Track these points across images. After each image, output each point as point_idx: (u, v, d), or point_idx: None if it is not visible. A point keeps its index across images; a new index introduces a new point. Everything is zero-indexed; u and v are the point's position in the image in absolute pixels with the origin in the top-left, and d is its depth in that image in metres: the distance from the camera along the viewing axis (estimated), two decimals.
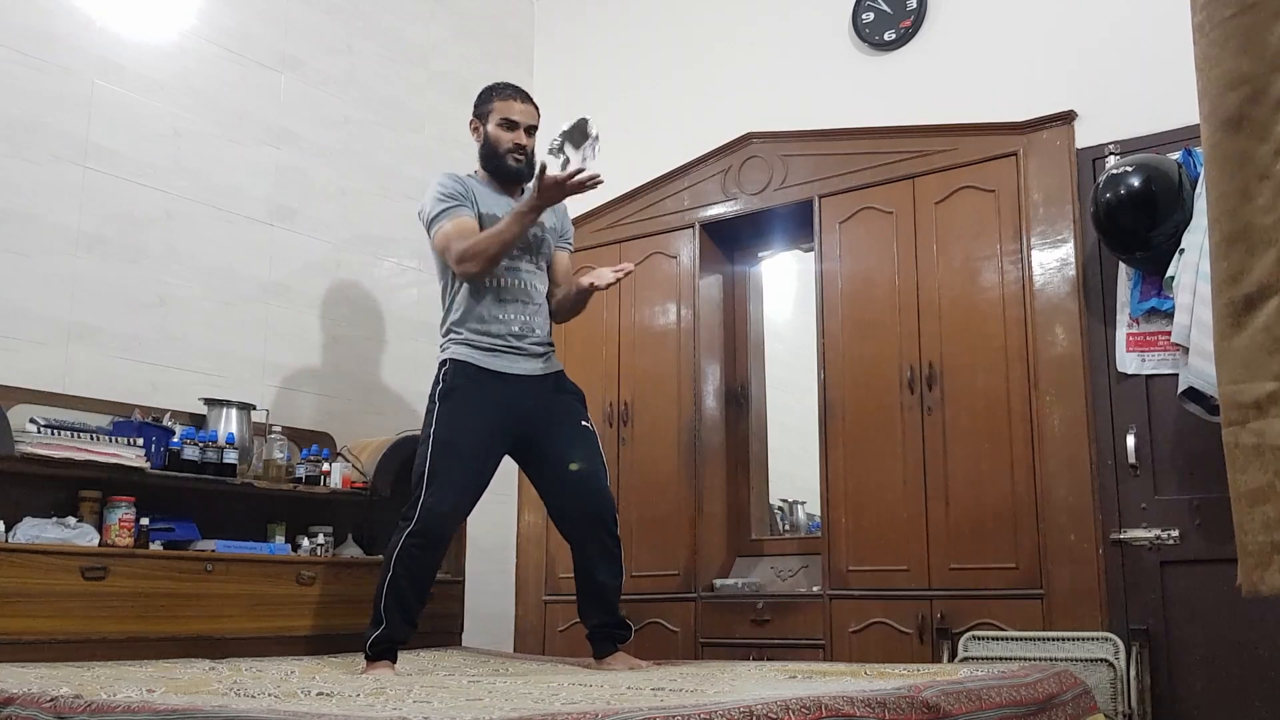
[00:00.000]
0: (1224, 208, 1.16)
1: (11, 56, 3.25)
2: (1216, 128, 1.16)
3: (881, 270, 3.66)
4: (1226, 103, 1.14)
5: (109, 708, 1.71)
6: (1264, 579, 1.16)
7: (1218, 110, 1.16)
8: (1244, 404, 1.14)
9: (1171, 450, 3.12)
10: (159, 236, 3.54)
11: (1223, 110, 1.15)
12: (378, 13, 4.35)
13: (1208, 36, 1.17)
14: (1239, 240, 1.13)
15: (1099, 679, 2.91)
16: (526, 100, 3.06)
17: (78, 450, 2.91)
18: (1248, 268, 1.12)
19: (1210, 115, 1.17)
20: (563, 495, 2.97)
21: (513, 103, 3.03)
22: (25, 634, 2.71)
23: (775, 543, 4.08)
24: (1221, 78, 1.15)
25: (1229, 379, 1.17)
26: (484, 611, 4.13)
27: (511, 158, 3.01)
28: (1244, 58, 1.12)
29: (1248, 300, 1.12)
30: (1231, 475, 1.18)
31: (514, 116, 3.01)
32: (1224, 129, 1.15)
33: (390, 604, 2.76)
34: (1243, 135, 1.13)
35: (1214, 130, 1.17)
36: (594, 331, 4.30)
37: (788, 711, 1.44)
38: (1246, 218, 1.12)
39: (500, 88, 3.08)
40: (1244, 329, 1.13)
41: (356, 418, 3.98)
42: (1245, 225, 1.12)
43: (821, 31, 4.07)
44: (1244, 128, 1.12)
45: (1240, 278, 1.13)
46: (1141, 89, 3.33)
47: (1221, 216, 1.16)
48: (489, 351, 2.91)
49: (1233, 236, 1.14)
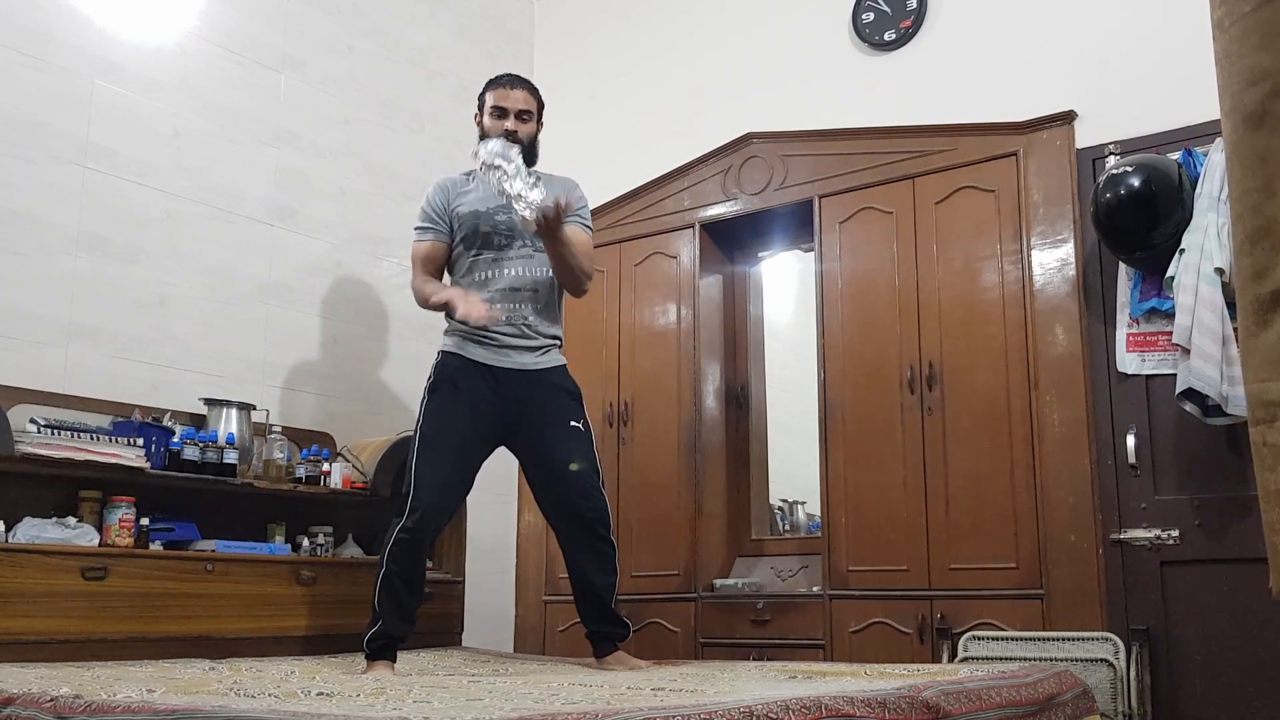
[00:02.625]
0: (1247, 204, 1.14)
1: (11, 56, 3.25)
2: (1238, 124, 1.15)
3: (881, 270, 3.66)
4: (1247, 98, 1.13)
5: (109, 708, 1.71)
6: None
7: (1239, 106, 1.15)
8: (1271, 401, 1.13)
9: (1171, 450, 3.12)
10: (159, 236, 3.54)
11: (1244, 106, 1.14)
12: (378, 13, 4.35)
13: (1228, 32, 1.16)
14: (1263, 237, 1.12)
15: (1099, 679, 2.91)
16: (517, 85, 3.05)
17: (78, 450, 2.91)
18: (1273, 264, 1.11)
19: (1231, 111, 1.16)
20: (551, 494, 2.98)
21: (503, 90, 3.03)
22: (25, 634, 2.70)
23: (775, 543, 4.08)
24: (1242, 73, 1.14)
25: (1254, 376, 1.15)
26: (484, 611, 4.13)
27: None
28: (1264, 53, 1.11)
29: (1273, 297, 1.11)
30: (1260, 474, 1.16)
31: (504, 104, 3.01)
32: (1245, 125, 1.14)
33: (384, 600, 2.78)
34: (1265, 131, 1.11)
35: (1235, 126, 1.16)
36: (594, 331, 4.30)
37: (788, 711, 1.44)
38: (1270, 214, 1.11)
39: (495, 78, 3.09)
40: (1270, 326, 1.12)
41: (356, 418, 3.98)
42: (1269, 222, 1.11)
43: (821, 31, 4.07)
44: (1266, 123, 1.11)
45: (1265, 275, 1.12)
46: (1141, 89, 3.33)
47: (1245, 213, 1.15)
48: (478, 344, 2.93)
49: (1256, 234, 1.13)
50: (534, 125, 3.05)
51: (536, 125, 3.07)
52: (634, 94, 4.58)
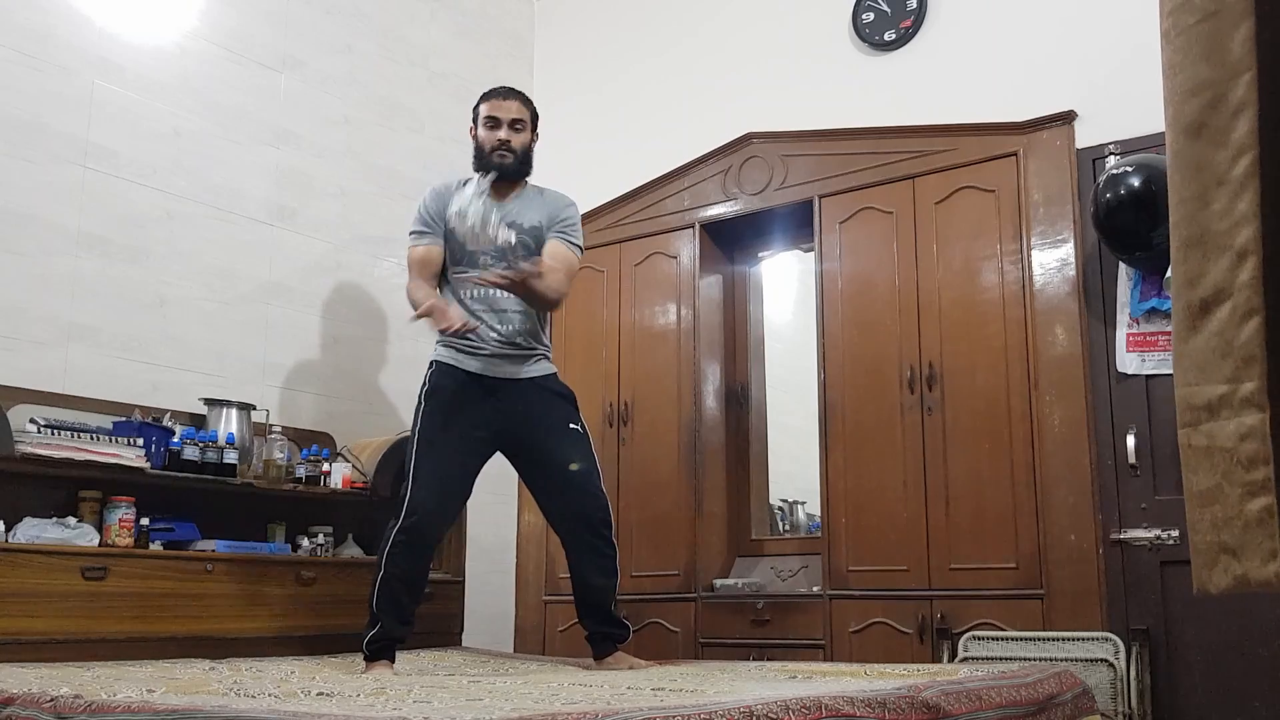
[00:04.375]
0: (1183, 213, 1.19)
1: (11, 56, 3.25)
2: (1178, 134, 1.19)
3: (881, 270, 3.66)
4: (1188, 109, 1.17)
5: (109, 708, 1.71)
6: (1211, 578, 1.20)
7: (1180, 117, 1.18)
8: (1197, 406, 1.17)
9: (1171, 450, 3.11)
10: (159, 236, 3.54)
11: (1184, 117, 1.17)
12: (378, 13, 4.35)
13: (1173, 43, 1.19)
14: (1196, 245, 1.16)
15: (1099, 679, 2.91)
16: (509, 96, 3.06)
17: (78, 450, 2.91)
18: (1204, 272, 1.15)
19: (1173, 122, 1.20)
20: (552, 497, 2.99)
21: (496, 100, 3.04)
22: (25, 634, 2.70)
23: (775, 543, 4.08)
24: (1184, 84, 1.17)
25: (1184, 381, 1.20)
26: (484, 611, 4.13)
27: (496, 155, 3.00)
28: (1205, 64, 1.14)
29: (1203, 304, 1.15)
30: (1185, 476, 1.22)
31: (497, 114, 3.02)
32: (1185, 135, 1.18)
33: (382, 602, 2.79)
34: (1202, 142, 1.15)
35: (1176, 136, 1.20)
36: (594, 331, 4.30)
37: (788, 711, 1.44)
38: (1204, 223, 1.15)
39: (488, 91, 3.11)
40: (1199, 332, 1.16)
41: (356, 418, 3.98)
42: (1202, 230, 1.15)
43: (821, 31, 4.07)
44: (1203, 134, 1.15)
45: (1197, 282, 1.16)
46: (1141, 89, 3.31)
47: (1181, 222, 1.19)
48: (470, 355, 2.95)
49: (1190, 241, 1.17)
50: (528, 135, 3.05)
51: (531, 135, 3.07)
52: (634, 94, 4.58)
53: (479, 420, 2.93)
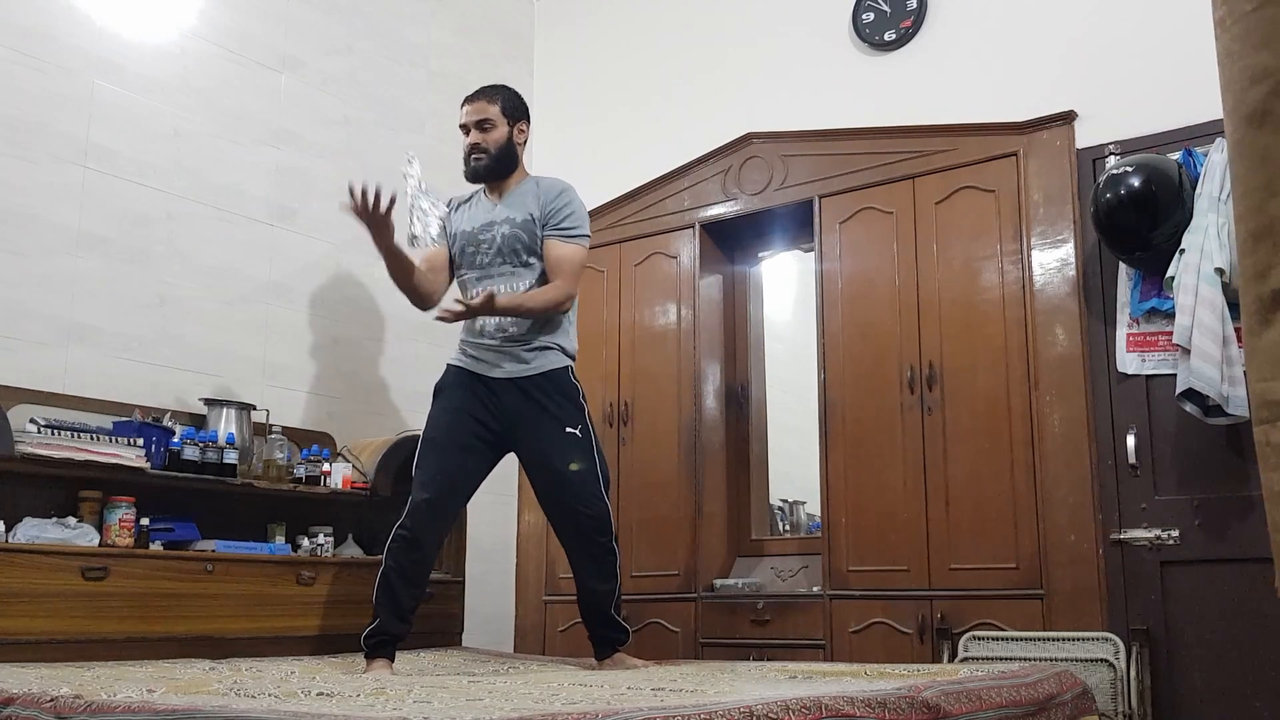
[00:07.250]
0: (1249, 204, 1.14)
1: (11, 56, 3.25)
2: (1240, 123, 1.15)
3: (881, 270, 3.66)
4: (1249, 98, 1.13)
5: (109, 708, 1.71)
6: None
7: (1241, 105, 1.14)
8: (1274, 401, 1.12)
9: (1171, 450, 3.12)
10: (159, 236, 3.53)
11: (1246, 105, 1.13)
12: (378, 13, 4.35)
13: (1229, 31, 1.16)
14: (1265, 236, 1.12)
15: (1099, 679, 2.91)
16: (473, 99, 3.07)
17: (78, 450, 2.91)
18: (1274, 264, 1.10)
19: (1234, 111, 1.16)
20: (551, 500, 3.01)
21: (463, 108, 3.08)
22: (25, 634, 2.70)
23: (775, 543, 4.08)
24: (1243, 72, 1.14)
25: (1258, 376, 1.15)
26: (484, 611, 4.13)
27: (471, 159, 3.06)
28: (1265, 51, 1.11)
29: (1275, 296, 1.10)
30: (1264, 474, 1.15)
31: (463, 121, 3.07)
32: (1247, 124, 1.14)
33: (381, 596, 2.83)
34: (1266, 130, 1.11)
35: (1237, 126, 1.16)
36: (594, 331, 4.30)
37: (788, 711, 1.44)
38: (1272, 213, 1.10)
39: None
40: (1272, 325, 1.11)
41: (356, 418, 3.98)
42: (1271, 220, 1.10)
43: (821, 31, 4.07)
44: (1267, 122, 1.11)
45: (1267, 273, 1.11)
46: (1141, 89, 3.33)
47: (1247, 213, 1.15)
48: (473, 356, 3.01)
49: (1259, 232, 1.13)
50: (503, 129, 3.04)
51: (507, 128, 3.04)
52: (634, 94, 4.58)
53: (482, 421, 2.96)
